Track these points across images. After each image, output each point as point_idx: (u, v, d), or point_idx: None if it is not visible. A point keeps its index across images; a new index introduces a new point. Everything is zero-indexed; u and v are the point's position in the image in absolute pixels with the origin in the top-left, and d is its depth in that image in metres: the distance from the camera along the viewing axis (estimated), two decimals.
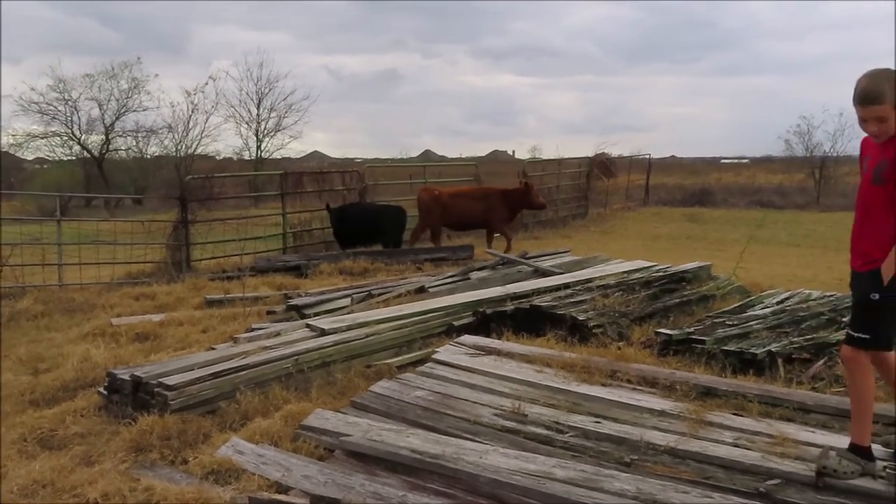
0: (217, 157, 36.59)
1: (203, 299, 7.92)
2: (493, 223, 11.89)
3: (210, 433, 4.00)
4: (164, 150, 33.91)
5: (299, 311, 6.69)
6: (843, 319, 6.00)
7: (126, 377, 4.43)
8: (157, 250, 10.95)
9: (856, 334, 3.16)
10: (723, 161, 46.69)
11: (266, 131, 37.04)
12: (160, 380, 4.30)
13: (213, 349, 5.34)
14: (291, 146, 42.78)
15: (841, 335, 5.50)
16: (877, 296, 3.08)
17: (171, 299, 8.13)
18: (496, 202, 11.71)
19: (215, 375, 4.46)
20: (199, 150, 34.29)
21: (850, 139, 26.95)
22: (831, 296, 6.64)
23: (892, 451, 3.41)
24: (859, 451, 3.22)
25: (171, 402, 4.15)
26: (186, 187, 11.68)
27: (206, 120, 34.24)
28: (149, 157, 33.79)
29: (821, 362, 5.04)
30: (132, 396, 4.38)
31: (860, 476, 3.18)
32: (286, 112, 36.66)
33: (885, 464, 3.28)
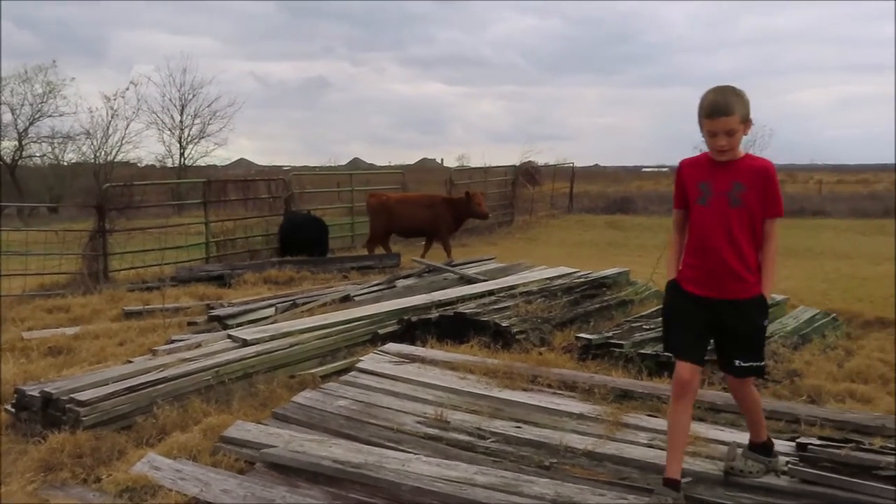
0: (139, 165, 35.46)
1: (121, 311, 7.65)
2: (438, 230, 11.95)
3: (125, 449, 3.86)
4: (82, 156, 32.67)
5: (222, 322, 6.54)
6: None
7: (35, 393, 4.24)
8: (73, 261, 10.50)
9: (755, 364, 3.16)
10: (644, 170, 48.26)
11: (190, 138, 36.16)
12: (72, 395, 4.14)
13: (130, 362, 5.16)
14: (216, 153, 41.73)
15: None
16: (766, 322, 3.16)
17: (86, 312, 7.82)
18: (442, 210, 11.78)
19: (131, 389, 4.32)
20: (119, 157, 33.21)
21: (762, 149, 28.33)
22: None
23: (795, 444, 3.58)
24: (760, 448, 3.36)
25: (84, 419, 4.00)
26: (105, 195, 11.26)
27: (127, 126, 33.21)
28: (66, 164, 32.46)
29: None
30: (42, 413, 4.19)
31: (766, 473, 3.34)
32: (211, 119, 35.91)
33: (787, 459, 3.46)
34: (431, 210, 11.80)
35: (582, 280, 7.42)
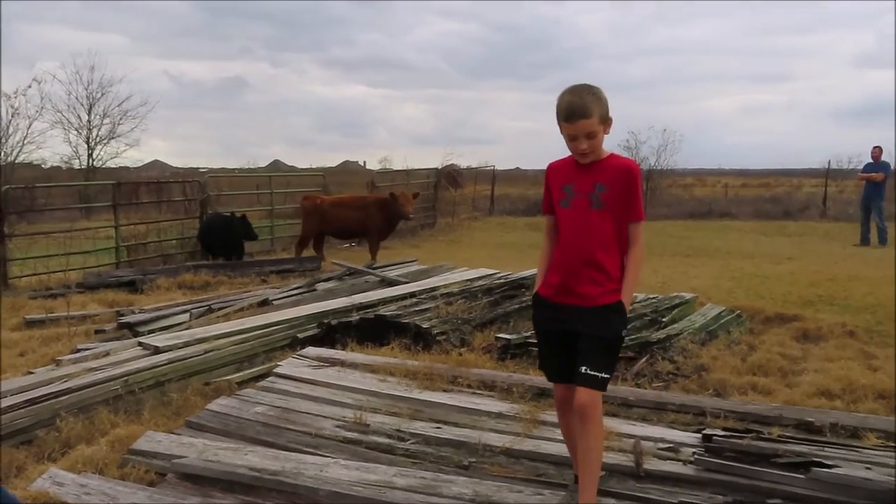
0: (43, 166, 33.65)
1: (22, 320, 7.25)
2: (370, 232, 11.86)
3: (24, 465, 3.66)
4: None
5: (132, 329, 6.30)
6: (664, 319, 6.56)
7: None
8: None
9: (599, 374, 2.84)
10: None
11: (98, 139, 34.60)
12: None
13: (31, 373, 4.90)
14: (128, 154, 40.17)
15: (662, 334, 6.02)
16: (622, 331, 2.92)
17: None
18: (374, 211, 11.71)
19: (31, 402, 4.10)
20: (20, 159, 31.40)
21: (672, 153, 29.41)
22: (653, 298, 7.22)
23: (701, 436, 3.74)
24: None
25: None
26: (4, 198, 10.64)
27: (30, 126, 31.42)
28: None
29: (643, 360, 5.46)
30: None
31: None
32: (121, 118, 34.46)
33: (694, 450, 3.61)
34: (363, 211, 11.75)
35: (502, 281, 7.53)
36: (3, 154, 30.27)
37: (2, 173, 25.76)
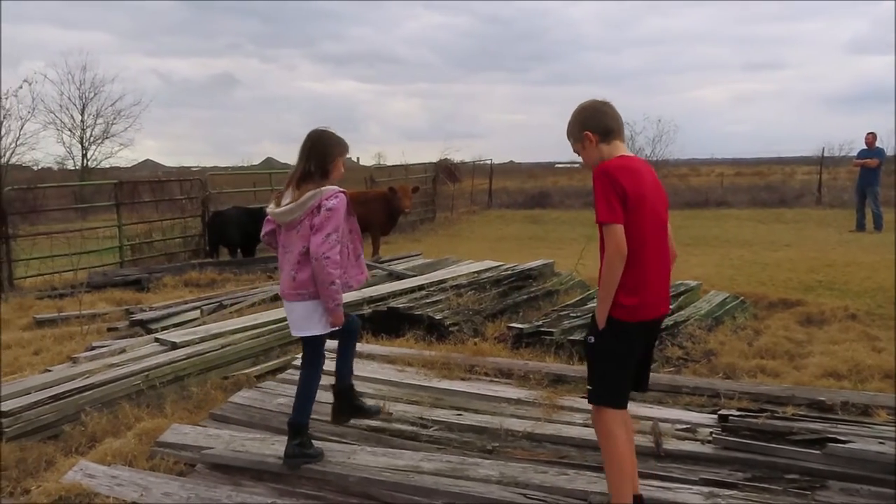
0: (35, 168, 33.55)
1: (32, 319, 7.28)
2: (373, 227, 11.87)
3: (54, 459, 3.72)
4: None
5: (144, 326, 6.35)
6: (670, 307, 6.64)
7: None
8: None
9: (587, 386, 2.87)
10: (557, 165, 49.35)
11: (92, 139, 34.55)
12: None
13: (50, 371, 4.95)
14: (122, 154, 40.01)
15: (670, 321, 6.10)
16: (592, 339, 2.82)
17: None
18: (376, 206, 11.70)
19: (56, 398, 4.16)
20: (13, 160, 31.28)
21: (667, 144, 29.54)
22: None
23: (717, 416, 3.82)
24: None
25: (7, 430, 3.83)
26: (5, 199, 10.64)
27: (22, 127, 31.32)
28: None
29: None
30: None
31: None
32: (115, 118, 34.44)
33: (711, 430, 3.69)
34: (365, 207, 11.73)
35: (509, 272, 7.60)
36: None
37: (2, 174, 25.64)
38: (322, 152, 3.46)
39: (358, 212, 11.93)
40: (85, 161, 34.30)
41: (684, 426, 3.78)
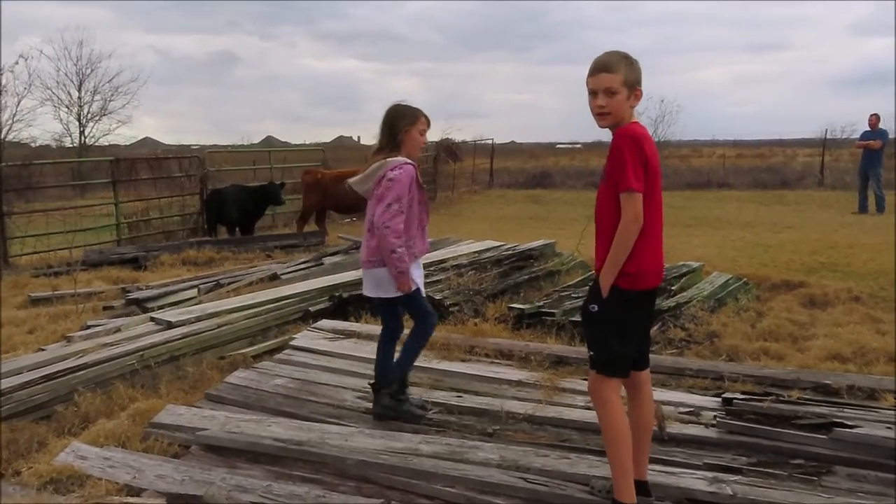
0: (32, 144, 33.32)
1: (26, 297, 7.20)
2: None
3: (46, 440, 3.65)
4: None
5: (140, 305, 6.27)
6: (673, 288, 6.57)
7: None
8: None
9: (588, 351, 2.81)
10: (558, 146, 49.14)
11: (90, 115, 34.29)
12: None
13: (43, 350, 4.88)
14: (120, 132, 39.73)
15: (672, 302, 6.03)
16: (595, 307, 2.73)
17: None
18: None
19: (48, 378, 4.09)
20: (10, 137, 31.08)
21: (670, 124, 29.34)
22: None
23: (721, 399, 3.75)
24: None
25: None
26: (0, 176, 10.53)
27: (18, 103, 31.10)
28: None
29: (655, 327, 5.47)
30: None
31: None
32: (112, 95, 34.15)
33: (714, 413, 3.63)
34: None
35: (510, 252, 7.51)
36: None
37: None
38: (391, 124, 3.65)
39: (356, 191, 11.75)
40: (83, 138, 34.07)
41: (688, 409, 3.72)
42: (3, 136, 30.53)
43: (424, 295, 3.85)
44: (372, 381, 3.80)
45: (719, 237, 11.88)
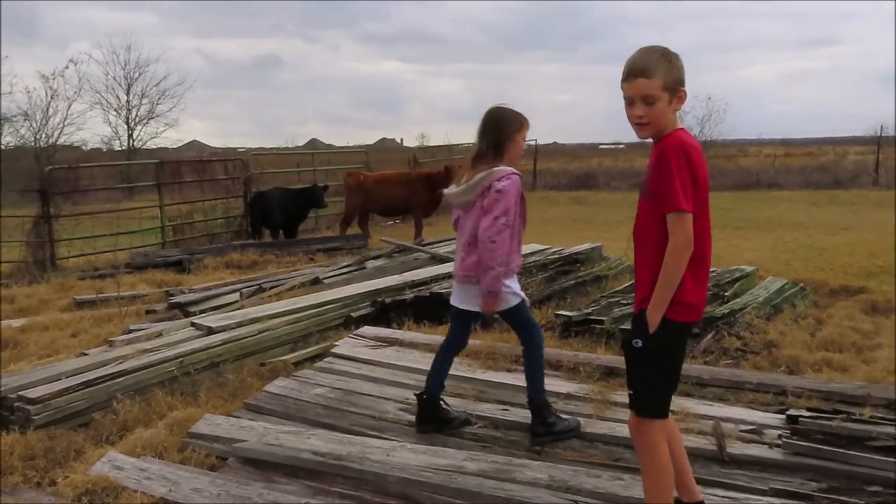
0: (84, 148, 34.22)
1: (72, 300, 7.26)
2: (416, 208, 11.67)
3: (83, 449, 3.59)
4: (21, 139, 31.30)
5: (183, 309, 6.24)
6: (726, 294, 6.29)
7: None
8: (17, 249, 9.98)
9: (630, 392, 2.53)
10: (601, 146, 48.51)
11: (138, 119, 35.04)
12: (21, 393, 3.83)
13: (85, 354, 4.86)
14: (167, 135, 40.61)
15: (725, 309, 5.76)
16: (640, 342, 2.44)
17: (33, 302, 7.40)
18: (419, 187, 11.48)
19: (87, 384, 4.03)
20: (61, 140, 31.94)
21: (717, 123, 28.61)
22: (713, 271, 6.93)
23: (785, 417, 3.50)
24: None
25: (35, 417, 3.71)
26: (48, 179, 10.72)
27: (69, 107, 31.95)
28: (3, 147, 31.06)
29: (709, 336, 5.22)
30: None
31: None
32: (159, 98, 34.85)
33: (779, 432, 3.39)
34: (408, 188, 11.53)
35: (556, 256, 7.31)
36: (43, 136, 30.75)
37: (44, 155, 26.15)
38: (497, 129, 3.36)
39: (400, 193, 11.78)
40: (131, 141, 34.82)
41: (749, 427, 3.48)
42: (54, 140, 31.36)
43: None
44: (418, 392, 3.65)
45: (771, 240, 11.49)
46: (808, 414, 3.43)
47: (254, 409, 3.93)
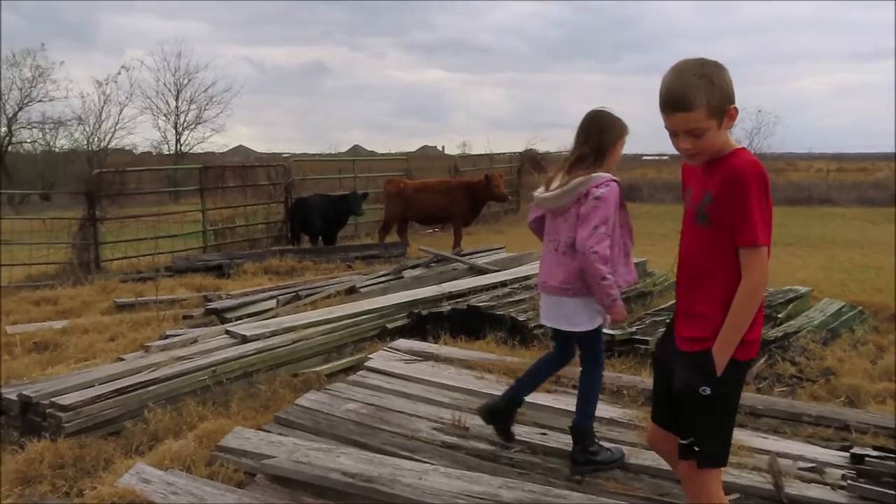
0: (134, 152, 35.03)
1: (112, 303, 7.30)
2: (455, 217, 11.54)
3: (112, 459, 3.53)
4: (75, 143, 32.23)
5: (219, 315, 6.20)
6: (779, 315, 5.99)
7: (13, 397, 3.89)
8: (63, 250, 10.14)
9: (691, 444, 2.23)
10: (644, 157, 47.74)
11: (186, 124, 35.76)
12: (53, 399, 3.79)
13: (121, 359, 4.83)
14: (214, 140, 41.28)
15: (779, 332, 5.47)
16: (707, 390, 2.17)
17: (76, 304, 7.46)
18: (459, 195, 11.35)
19: (120, 392, 3.98)
20: (113, 144, 32.78)
21: (766, 136, 27.87)
22: (765, 292, 6.63)
23: (849, 455, 3.26)
24: None
25: (66, 425, 3.65)
26: (95, 182, 10.88)
27: (121, 111, 32.81)
28: (58, 150, 31.98)
29: (762, 360, 4.95)
30: (21, 419, 3.85)
31: None
32: (207, 104, 35.53)
33: (843, 472, 3.14)
34: (448, 196, 11.39)
35: None
36: (96, 139, 31.56)
37: (96, 158, 26.81)
38: (600, 134, 3.22)
39: (440, 201, 11.62)
40: (178, 146, 35.52)
41: (809, 465, 3.24)
42: (106, 144, 32.17)
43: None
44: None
45: (824, 258, 11.05)
46: (875, 453, 3.17)
47: (284, 423, 3.82)
